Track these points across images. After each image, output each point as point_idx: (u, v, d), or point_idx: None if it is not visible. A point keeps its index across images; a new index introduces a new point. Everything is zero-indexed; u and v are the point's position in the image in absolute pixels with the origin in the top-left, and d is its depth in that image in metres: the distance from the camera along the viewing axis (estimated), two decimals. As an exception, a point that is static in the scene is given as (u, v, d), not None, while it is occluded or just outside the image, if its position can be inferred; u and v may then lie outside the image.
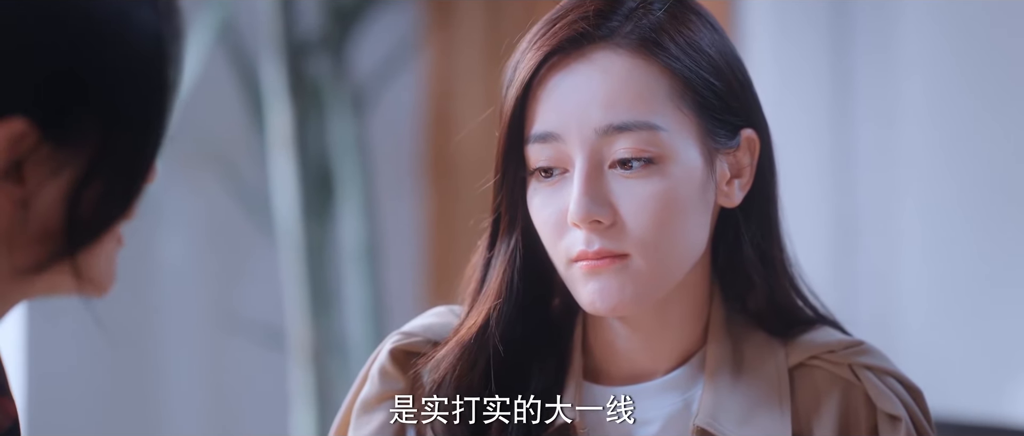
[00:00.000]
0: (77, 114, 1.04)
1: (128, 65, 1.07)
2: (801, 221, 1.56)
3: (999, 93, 2.91)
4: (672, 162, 1.41)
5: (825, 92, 3.13)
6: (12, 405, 1.25)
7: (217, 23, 3.34)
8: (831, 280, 3.07)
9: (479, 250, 1.50)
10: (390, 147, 3.86)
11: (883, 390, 1.46)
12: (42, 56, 1.03)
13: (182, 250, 3.63)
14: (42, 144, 1.04)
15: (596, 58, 1.42)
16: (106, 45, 1.05)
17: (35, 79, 1.03)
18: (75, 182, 1.06)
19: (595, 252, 1.40)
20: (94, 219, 1.08)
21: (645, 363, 1.49)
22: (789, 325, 1.50)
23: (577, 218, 1.40)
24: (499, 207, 1.47)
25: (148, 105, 1.08)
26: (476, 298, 1.49)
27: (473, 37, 3.87)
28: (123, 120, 1.07)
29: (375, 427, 1.50)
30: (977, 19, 2.93)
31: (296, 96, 3.35)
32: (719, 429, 1.44)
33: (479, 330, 1.46)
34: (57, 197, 1.05)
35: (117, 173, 1.08)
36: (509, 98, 1.43)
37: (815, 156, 3.11)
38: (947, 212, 2.98)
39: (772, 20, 3.19)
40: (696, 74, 1.42)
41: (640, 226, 1.40)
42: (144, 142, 1.09)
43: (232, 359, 3.69)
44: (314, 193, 3.39)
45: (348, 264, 3.47)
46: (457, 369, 1.46)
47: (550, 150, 1.42)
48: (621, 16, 1.43)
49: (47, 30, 1.03)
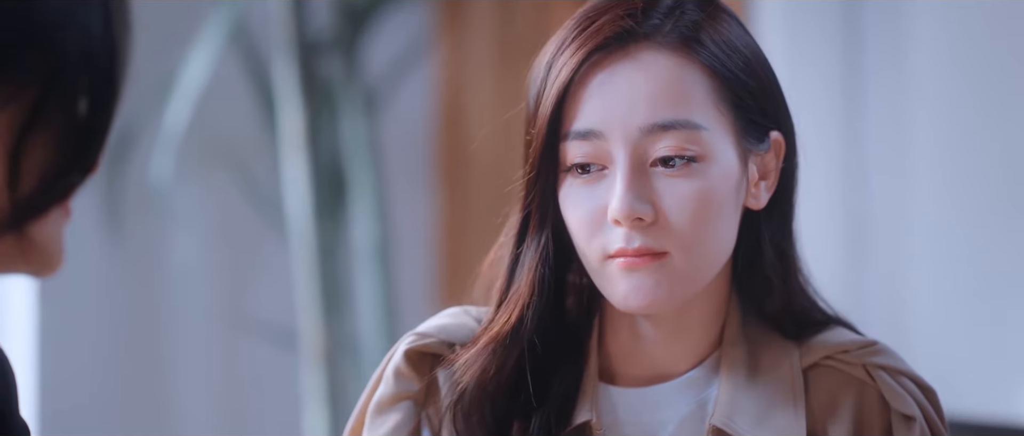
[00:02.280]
0: (20, 50, 1.01)
1: (74, 12, 1.03)
2: (813, 223, 1.55)
3: (1012, 95, 2.90)
4: (712, 161, 1.41)
5: (836, 94, 3.13)
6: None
7: (229, 24, 3.34)
8: (843, 281, 3.06)
9: (503, 246, 1.50)
10: (402, 147, 3.86)
11: (897, 390, 1.46)
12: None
13: (194, 250, 3.63)
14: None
15: (639, 56, 1.41)
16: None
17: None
18: (17, 131, 1.02)
19: (635, 250, 1.40)
20: (39, 183, 1.04)
21: (662, 364, 1.49)
22: (803, 326, 1.51)
23: (620, 215, 1.39)
24: (530, 204, 1.46)
25: (93, 58, 1.04)
26: (504, 295, 1.48)
27: (485, 37, 3.86)
28: (69, 67, 1.03)
29: (390, 428, 1.50)
30: (990, 20, 2.93)
31: (308, 96, 3.35)
32: (735, 429, 1.44)
33: (514, 327, 1.46)
34: (2, 155, 1.02)
35: (64, 133, 1.04)
36: (550, 95, 1.42)
37: (826, 158, 3.11)
38: (959, 213, 2.97)
39: (784, 22, 3.19)
40: (734, 74, 1.43)
41: (680, 224, 1.40)
42: (93, 99, 1.05)
43: (244, 359, 3.69)
44: (326, 193, 3.40)
45: (360, 264, 3.47)
46: (489, 367, 1.46)
47: (590, 146, 1.41)
48: (660, 14, 1.43)
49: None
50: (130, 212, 3.44)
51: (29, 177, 1.04)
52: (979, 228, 2.95)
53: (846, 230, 3.14)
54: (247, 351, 3.68)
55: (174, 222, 3.52)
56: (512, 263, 1.48)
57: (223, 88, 3.49)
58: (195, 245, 3.63)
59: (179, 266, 3.62)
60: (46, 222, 1.06)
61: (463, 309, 1.54)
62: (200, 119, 3.39)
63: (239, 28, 3.40)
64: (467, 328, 1.52)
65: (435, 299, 3.85)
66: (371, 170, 3.43)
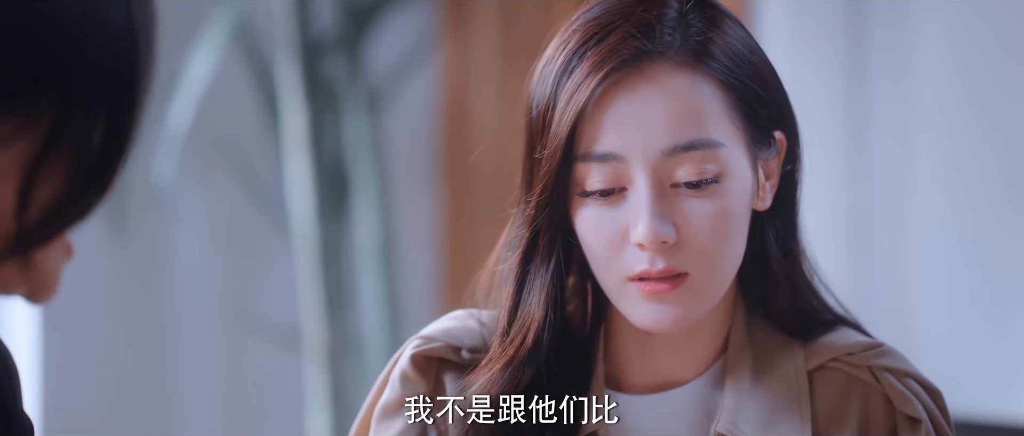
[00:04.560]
0: (32, 84, 0.98)
1: (94, 44, 1.01)
2: (817, 221, 1.55)
3: (1015, 95, 2.90)
4: (731, 177, 1.40)
5: (840, 91, 3.13)
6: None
7: (232, 23, 3.34)
8: (846, 281, 3.06)
9: (506, 261, 1.48)
10: (405, 147, 3.86)
11: (903, 392, 1.46)
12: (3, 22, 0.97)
13: (197, 250, 3.63)
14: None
15: (656, 76, 1.40)
16: (71, 18, 0.99)
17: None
18: (29, 162, 1.00)
19: (659, 272, 1.39)
20: (48, 213, 1.02)
21: (669, 372, 1.48)
22: (808, 327, 1.50)
23: (646, 240, 1.38)
24: (540, 224, 1.44)
25: (111, 90, 1.02)
26: (512, 314, 1.46)
27: (489, 36, 3.86)
28: (82, 100, 1.01)
29: (395, 433, 1.49)
30: (993, 21, 2.92)
31: (311, 96, 3.34)
32: (740, 435, 1.44)
33: (530, 351, 1.44)
34: (9, 186, 1.00)
35: (76, 165, 1.02)
36: (566, 117, 1.39)
37: (830, 158, 3.11)
38: (962, 213, 2.97)
39: (786, 20, 3.18)
40: (744, 84, 1.42)
41: (702, 244, 1.40)
42: (106, 133, 1.03)
43: (247, 358, 3.69)
44: (329, 193, 3.39)
45: (363, 264, 3.47)
46: (506, 389, 1.45)
47: (608, 169, 1.40)
48: (669, 28, 1.41)
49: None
50: (133, 211, 3.43)
51: (38, 206, 1.02)
52: (982, 228, 2.94)
53: (849, 230, 3.13)
54: (250, 350, 3.68)
55: (177, 221, 3.51)
56: (519, 282, 1.46)
57: (226, 88, 3.49)
58: (198, 244, 3.63)
59: (182, 265, 3.61)
60: (49, 248, 1.06)
61: (468, 312, 1.53)
62: (203, 119, 3.39)
63: (242, 28, 3.39)
64: (473, 332, 1.51)
65: (438, 298, 3.84)
66: (374, 170, 3.43)
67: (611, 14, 1.42)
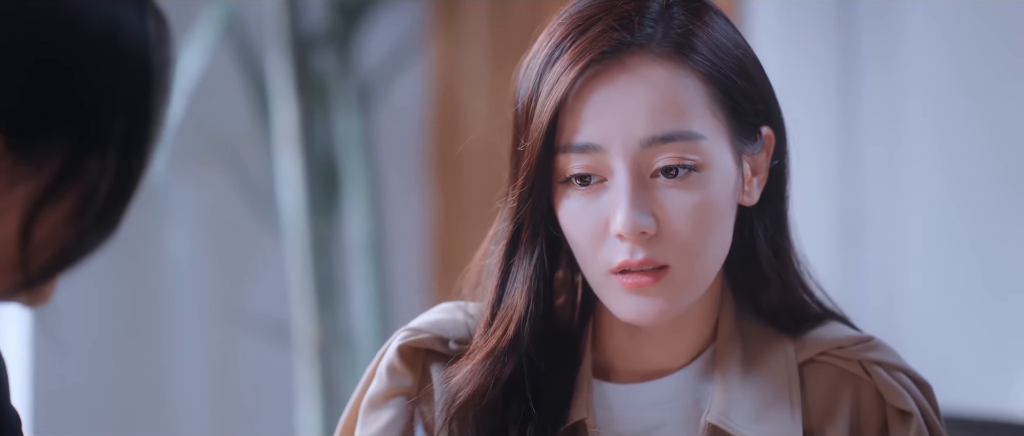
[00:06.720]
0: (48, 125, 0.97)
1: (112, 84, 1.00)
2: (806, 217, 1.55)
3: (1006, 88, 2.90)
4: (712, 169, 1.40)
5: (830, 88, 3.13)
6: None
7: (223, 18, 3.33)
8: (836, 276, 3.06)
9: (492, 255, 1.49)
10: (396, 142, 3.86)
11: (894, 385, 1.46)
12: (19, 62, 0.96)
13: (188, 245, 3.63)
14: (6, 154, 0.97)
15: (636, 67, 1.40)
16: (91, 60, 0.99)
17: (10, 82, 0.96)
18: (33, 202, 1.00)
19: (639, 262, 1.39)
20: (52, 255, 1.01)
21: (657, 362, 1.49)
22: (798, 321, 1.50)
23: (624, 230, 1.38)
24: (523, 216, 1.44)
25: (124, 135, 1.02)
26: (495, 307, 1.47)
27: (479, 32, 3.86)
28: (96, 142, 1.00)
29: (383, 424, 1.49)
30: (984, 14, 2.93)
31: (302, 91, 3.34)
32: (731, 426, 1.44)
33: (511, 342, 1.45)
34: (14, 222, 0.99)
35: (82, 208, 1.02)
36: (545, 108, 1.40)
37: (820, 152, 3.11)
38: (952, 207, 2.97)
39: (777, 16, 3.18)
40: (727, 77, 1.42)
41: (683, 235, 1.40)
42: (115, 177, 1.03)
43: (238, 354, 3.69)
44: (320, 188, 3.39)
45: (354, 259, 3.47)
46: (487, 381, 1.45)
47: (588, 159, 1.40)
48: (652, 21, 1.41)
49: (29, 36, 0.97)
50: (123, 207, 3.43)
51: (41, 248, 1.01)
52: (973, 222, 2.95)
53: (840, 224, 3.13)
54: (241, 346, 3.68)
55: (167, 217, 3.51)
56: (503, 274, 1.47)
57: (217, 83, 3.49)
58: (188, 240, 3.63)
59: (172, 261, 3.61)
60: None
61: (455, 304, 1.54)
62: (193, 114, 3.39)
63: (233, 23, 3.39)
64: (460, 324, 1.51)
65: (429, 294, 3.84)
66: (365, 165, 3.43)
67: (595, 7, 1.43)
